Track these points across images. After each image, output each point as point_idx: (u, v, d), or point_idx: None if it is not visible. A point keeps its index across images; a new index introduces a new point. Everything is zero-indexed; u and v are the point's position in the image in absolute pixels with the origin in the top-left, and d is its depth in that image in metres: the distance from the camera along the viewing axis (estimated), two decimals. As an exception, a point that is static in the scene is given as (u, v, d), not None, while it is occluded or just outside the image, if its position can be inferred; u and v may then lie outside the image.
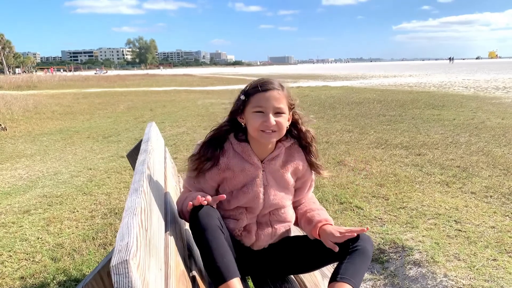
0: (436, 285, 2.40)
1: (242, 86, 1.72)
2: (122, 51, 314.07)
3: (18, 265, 2.89)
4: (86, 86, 29.01)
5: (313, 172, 1.80)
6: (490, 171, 4.78)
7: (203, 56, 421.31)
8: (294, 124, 1.73)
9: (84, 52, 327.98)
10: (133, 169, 2.50)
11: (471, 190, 4.13)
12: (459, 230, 3.11)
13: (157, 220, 1.26)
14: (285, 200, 1.74)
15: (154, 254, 1.01)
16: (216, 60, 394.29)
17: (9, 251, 3.10)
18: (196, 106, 13.39)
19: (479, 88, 17.86)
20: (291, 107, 1.68)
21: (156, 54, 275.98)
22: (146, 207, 1.16)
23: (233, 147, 1.69)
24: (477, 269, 2.52)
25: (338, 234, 1.56)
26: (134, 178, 1.42)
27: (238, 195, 1.68)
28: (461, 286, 2.34)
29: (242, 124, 1.68)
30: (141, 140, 2.45)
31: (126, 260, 0.82)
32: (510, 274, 2.45)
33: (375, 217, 3.46)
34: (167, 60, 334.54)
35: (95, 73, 74.22)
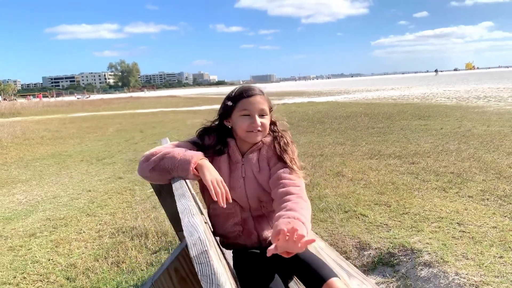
0: (449, 284, 2.49)
1: None
2: (104, 75, 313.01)
3: (33, 286, 2.89)
4: (71, 111, 28.86)
5: (288, 171, 1.77)
6: (483, 176, 4.93)
7: (186, 77, 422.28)
8: (273, 123, 1.93)
9: (66, 78, 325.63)
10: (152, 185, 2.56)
11: (468, 194, 4.26)
12: (463, 232, 3.22)
13: (203, 222, 1.33)
14: (267, 192, 1.82)
15: (214, 251, 1.08)
16: (199, 81, 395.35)
17: (22, 273, 3.10)
18: (185, 126, 13.44)
19: (461, 98, 18.31)
20: (271, 110, 1.88)
21: (139, 77, 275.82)
22: (195, 209, 1.23)
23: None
24: (486, 266, 2.62)
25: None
26: (175, 185, 1.49)
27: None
28: (473, 283, 2.43)
29: (229, 126, 1.87)
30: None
31: (206, 250, 0.89)
32: (517, 269, 2.56)
33: (381, 223, 3.56)
34: (150, 83, 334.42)
35: (77, 98, 73.82)
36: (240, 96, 1.82)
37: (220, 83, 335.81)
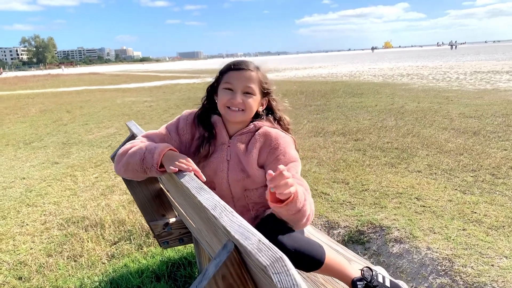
0: (423, 258, 2.56)
1: (157, 83, 1.66)
2: (16, 50, 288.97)
3: (-21, 290, 2.56)
4: (-19, 89, 26.28)
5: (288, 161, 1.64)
6: (426, 151, 5.17)
7: (107, 53, 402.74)
8: (271, 109, 1.78)
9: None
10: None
11: (416, 169, 4.44)
12: (424, 206, 3.34)
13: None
14: (252, 179, 1.67)
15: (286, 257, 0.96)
16: (122, 57, 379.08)
17: (-38, 276, 2.73)
18: (117, 105, 12.78)
19: (386, 76, 19.21)
20: (264, 91, 1.72)
21: (56, 53, 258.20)
22: (227, 205, 1.09)
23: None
24: (453, 239, 2.73)
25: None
26: (185, 178, 1.32)
27: (205, 166, 1.69)
28: (446, 257, 2.51)
29: (216, 101, 1.73)
30: (127, 141, 2.28)
31: (280, 257, 0.77)
32: (481, 240, 2.69)
33: (343, 201, 3.59)
34: (68, 59, 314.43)
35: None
36: (228, 68, 1.68)
37: (144, 59, 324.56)
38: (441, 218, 3.08)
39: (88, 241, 3.12)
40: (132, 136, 2.30)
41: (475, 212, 3.16)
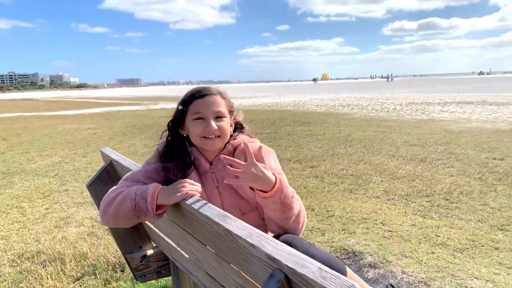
0: (399, 282, 2.61)
1: (98, 110, 1.61)
2: None
3: None
4: None
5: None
6: (379, 177, 5.37)
7: (42, 78, 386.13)
8: (240, 124, 1.79)
9: None
10: (95, 202, 2.21)
11: (375, 195, 4.58)
12: (390, 231, 3.43)
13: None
14: (246, 200, 1.67)
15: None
16: (58, 83, 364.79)
17: None
18: (58, 133, 12.17)
19: (328, 106, 19.94)
20: (231, 111, 1.71)
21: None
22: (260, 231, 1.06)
23: None
24: (424, 263, 2.81)
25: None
26: (204, 207, 1.27)
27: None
28: (421, 280, 2.58)
29: (184, 134, 1.69)
30: (104, 168, 2.17)
31: (352, 284, 0.74)
32: (450, 263, 2.80)
33: (312, 227, 3.61)
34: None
35: None
36: (192, 97, 1.63)
37: (81, 86, 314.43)
38: (409, 242, 3.18)
39: (47, 278, 2.88)
40: (110, 164, 2.19)
41: (439, 236, 3.30)
